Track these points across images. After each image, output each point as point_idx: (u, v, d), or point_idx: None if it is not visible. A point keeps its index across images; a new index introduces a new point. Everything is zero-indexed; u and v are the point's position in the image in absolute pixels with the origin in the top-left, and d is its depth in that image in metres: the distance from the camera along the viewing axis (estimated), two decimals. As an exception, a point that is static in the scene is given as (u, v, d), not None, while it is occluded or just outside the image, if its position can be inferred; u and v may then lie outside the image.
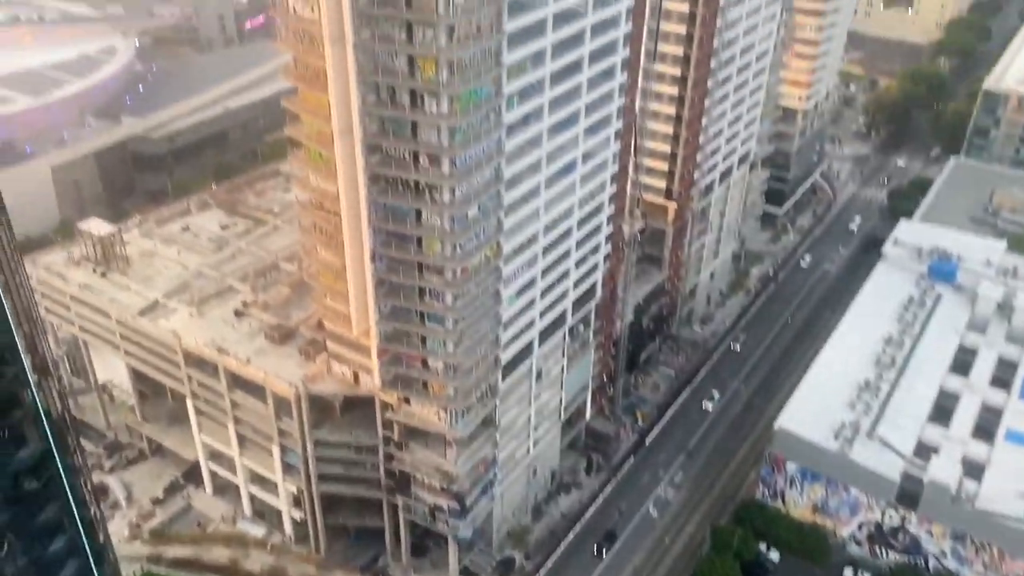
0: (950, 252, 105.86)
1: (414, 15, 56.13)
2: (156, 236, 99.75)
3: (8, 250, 43.62)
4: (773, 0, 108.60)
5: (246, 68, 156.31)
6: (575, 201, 79.04)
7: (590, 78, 74.40)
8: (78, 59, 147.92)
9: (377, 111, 60.44)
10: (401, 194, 62.89)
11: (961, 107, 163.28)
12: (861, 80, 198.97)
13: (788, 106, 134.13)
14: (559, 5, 66.90)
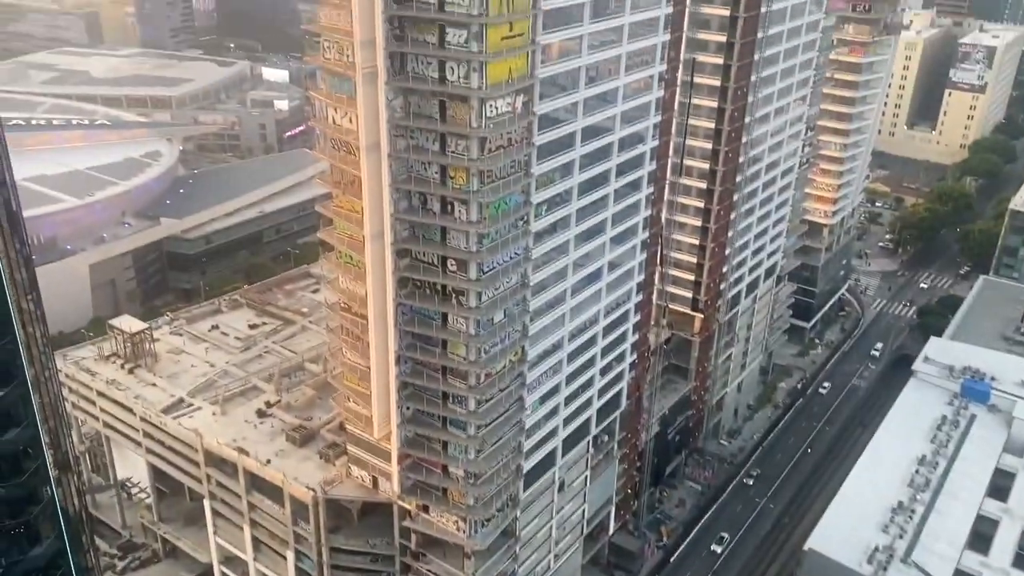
0: (983, 371, 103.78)
1: (448, 127, 58.08)
2: (186, 334, 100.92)
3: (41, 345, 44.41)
4: (798, 119, 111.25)
5: (283, 174, 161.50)
6: (601, 309, 79.21)
7: (617, 189, 75.82)
8: (124, 162, 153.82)
9: (408, 217, 61.75)
10: (428, 297, 63.50)
11: (988, 226, 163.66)
12: (887, 197, 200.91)
13: (814, 221, 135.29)
14: (588, 120, 68.98)
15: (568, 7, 63.70)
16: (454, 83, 56.85)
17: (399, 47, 57.28)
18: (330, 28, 59.57)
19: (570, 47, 65.64)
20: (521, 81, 59.32)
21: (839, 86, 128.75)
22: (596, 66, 68.98)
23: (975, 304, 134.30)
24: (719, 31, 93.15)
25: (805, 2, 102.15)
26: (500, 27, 56.11)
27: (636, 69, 73.74)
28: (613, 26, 69.35)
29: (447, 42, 56.23)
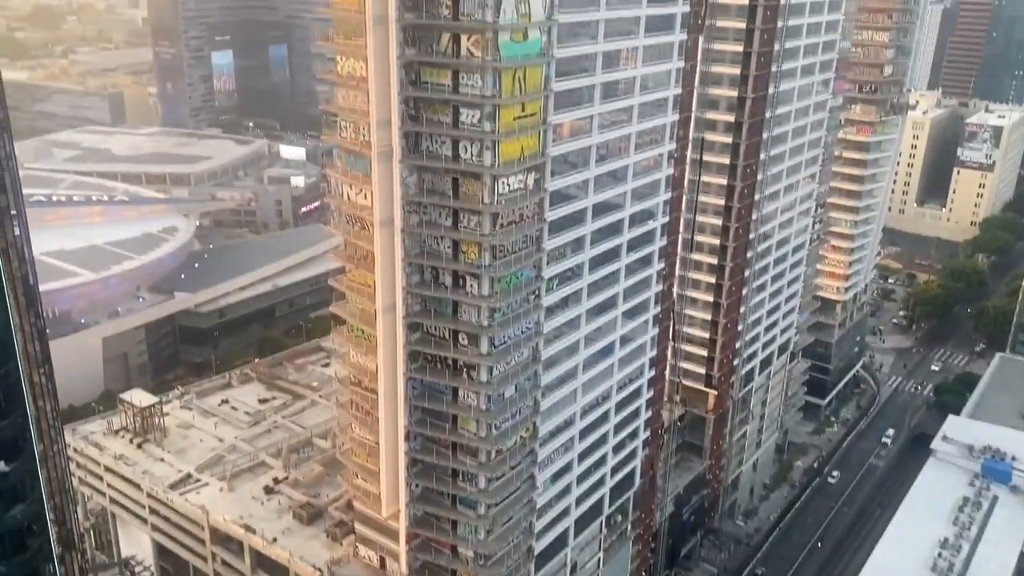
0: (1003, 451, 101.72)
1: (461, 203, 58.81)
2: (195, 408, 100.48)
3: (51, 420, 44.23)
4: (808, 196, 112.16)
5: (297, 249, 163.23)
6: (613, 384, 78.57)
7: (628, 264, 76.12)
8: (141, 237, 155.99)
9: (420, 291, 62.03)
10: (439, 372, 63.20)
11: (1003, 303, 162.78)
12: (899, 274, 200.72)
13: (827, 297, 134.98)
14: (598, 197, 69.79)
15: (579, 89, 65.22)
16: (467, 161, 57.81)
17: (414, 127, 58.51)
18: (347, 108, 61.01)
19: (581, 126, 66.91)
20: (533, 159, 60.28)
21: (848, 164, 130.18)
22: (606, 145, 70.19)
23: (992, 382, 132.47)
24: (727, 111, 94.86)
25: (812, 83, 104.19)
26: (513, 108, 57.35)
27: (646, 148, 74.93)
28: (623, 106, 70.82)
29: (461, 122, 57.42)
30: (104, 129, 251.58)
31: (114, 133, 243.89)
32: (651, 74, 73.36)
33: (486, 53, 55.52)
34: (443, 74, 57.30)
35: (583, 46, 64.85)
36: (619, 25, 68.21)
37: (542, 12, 58.24)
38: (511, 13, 55.65)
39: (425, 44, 57.48)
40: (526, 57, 57.56)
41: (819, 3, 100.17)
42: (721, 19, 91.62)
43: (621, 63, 69.56)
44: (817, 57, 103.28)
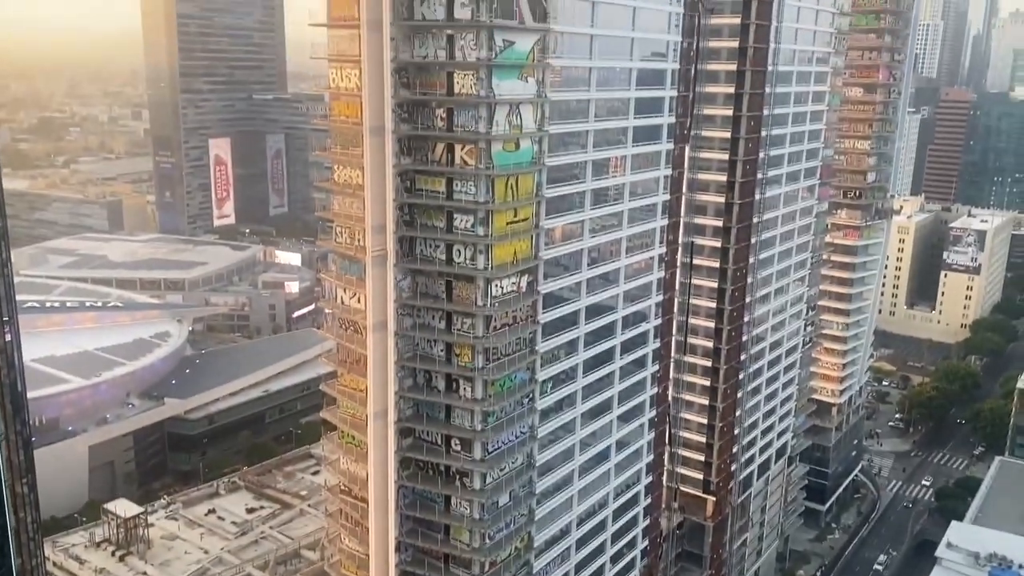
0: (1009, 558, 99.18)
1: (454, 306, 59.15)
2: (181, 518, 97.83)
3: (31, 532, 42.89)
4: (798, 299, 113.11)
5: (290, 353, 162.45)
6: (610, 491, 77.05)
7: (623, 367, 75.97)
8: (133, 343, 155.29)
9: (413, 395, 61.55)
10: (431, 479, 62.00)
11: (997, 405, 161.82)
12: (893, 376, 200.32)
13: (822, 400, 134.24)
14: (591, 299, 70.31)
15: (570, 195, 66.68)
16: (461, 264, 58.48)
17: (409, 232, 59.44)
18: (343, 215, 62.05)
19: (573, 231, 68.06)
20: (526, 262, 61.03)
21: (837, 268, 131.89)
22: (598, 248, 71.22)
23: (994, 486, 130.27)
24: (716, 216, 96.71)
25: (798, 190, 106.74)
26: (505, 213, 58.48)
27: (637, 251, 76.04)
28: (613, 212, 72.23)
29: (455, 227, 58.43)
30: (101, 236, 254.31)
31: (111, 240, 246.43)
32: (640, 181, 75.21)
33: (479, 162, 57.02)
34: (438, 181, 58.64)
35: (573, 155, 66.69)
36: (608, 135, 70.38)
37: (533, 124, 60.16)
38: (503, 124, 57.49)
39: (420, 153, 59.05)
40: (518, 165, 59.10)
41: (801, 114, 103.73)
42: (707, 129, 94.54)
43: (610, 171, 71.40)
44: (801, 164, 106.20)
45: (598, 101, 68.42)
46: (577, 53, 65.54)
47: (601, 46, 67.51)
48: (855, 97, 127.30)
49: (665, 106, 76.95)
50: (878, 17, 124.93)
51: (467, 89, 56.59)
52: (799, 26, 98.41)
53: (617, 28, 69.28)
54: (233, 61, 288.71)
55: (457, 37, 56.53)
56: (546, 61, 60.50)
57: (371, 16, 56.59)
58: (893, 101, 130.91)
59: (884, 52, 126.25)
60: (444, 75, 57.57)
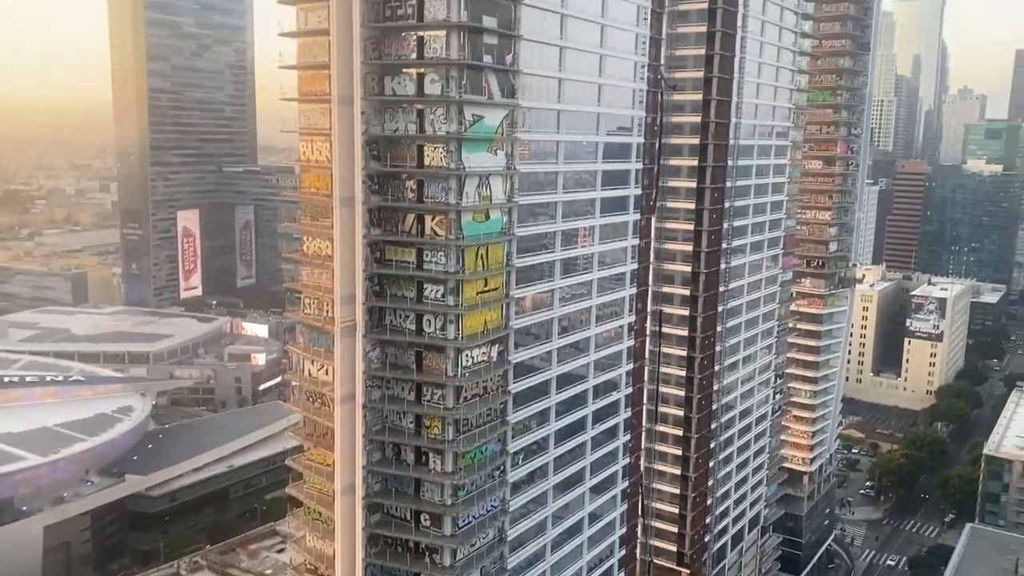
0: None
1: (424, 377, 58.75)
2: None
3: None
4: (766, 367, 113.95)
5: (255, 427, 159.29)
6: (583, 565, 75.63)
7: (594, 437, 75.52)
8: (94, 418, 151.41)
9: (381, 469, 60.49)
10: (400, 556, 60.49)
11: (966, 472, 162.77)
12: (863, 444, 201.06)
13: (794, 468, 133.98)
14: (562, 368, 70.25)
15: (540, 264, 67.22)
16: (431, 335, 58.34)
17: (378, 302, 59.34)
18: (311, 286, 61.89)
19: (543, 300, 68.40)
20: (496, 332, 61.03)
21: (803, 336, 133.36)
22: (568, 317, 71.50)
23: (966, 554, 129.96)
24: (683, 285, 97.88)
25: (762, 259, 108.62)
26: (476, 283, 58.74)
27: (606, 320, 76.45)
28: (582, 281, 72.82)
29: (425, 297, 58.48)
30: (64, 309, 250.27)
31: (74, 313, 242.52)
32: (608, 251, 76.16)
33: (449, 232, 57.48)
34: (408, 252, 58.90)
35: (543, 225, 67.53)
36: (576, 206, 71.47)
37: (503, 195, 61.00)
38: (473, 196, 58.23)
39: (390, 224, 59.42)
40: (488, 235, 59.64)
41: (763, 185, 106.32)
42: (672, 200, 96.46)
43: (579, 241, 72.29)
44: (765, 234, 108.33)
45: (566, 173, 69.69)
46: (545, 127, 66.99)
47: (568, 120, 69.13)
48: (815, 169, 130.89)
49: (631, 178, 78.57)
50: (834, 93, 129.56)
51: (437, 161, 57.41)
52: (759, 102, 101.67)
53: (583, 103, 71.11)
54: (204, 134, 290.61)
55: (427, 112, 57.60)
56: (515, 135, 61.73)
57: (342, 92, 57.58)
58: (852, 173, 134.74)
59: (841, 126, 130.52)
60: (414, 148, 58.42)
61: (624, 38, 75.25)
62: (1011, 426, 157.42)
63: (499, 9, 59.08)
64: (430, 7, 56.81)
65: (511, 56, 60.71)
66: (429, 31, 57.00)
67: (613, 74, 74.31)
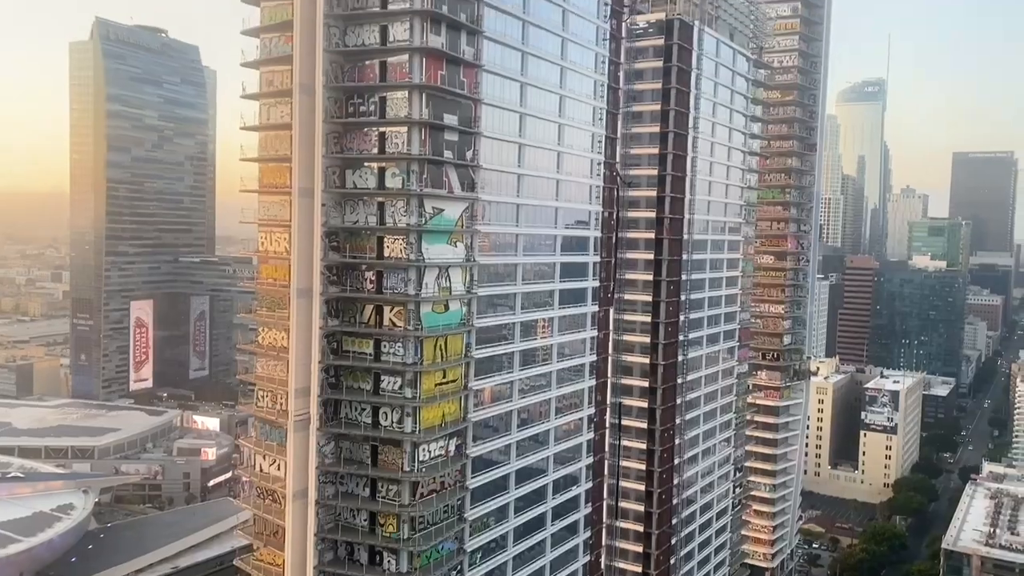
0: None
1: (379, 472, 57.41)
2: None
3: None
4: (725, 460, 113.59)
5: (203, 526, 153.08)
6: (542, 670, 72.76)
7: (554, 534, 73.93)
8: (31, 517, 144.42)
9: (333, 570, 58.23)
10: (352, 663, 57.68)
11: (926, 567, 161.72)
12: (822, 538, 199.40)
13: (756, 564, 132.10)
14: (521, 462, 69.21)
15: (499, 356, 67.00)
16: (387, 428, 57.35)
17: (334, 395, 58.39)
18: (266, 378, 60.82)
19: (502, 392, 67.90)
20: (454, 425, 60.20)
21: (760, 428, 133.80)
22: (527, 409, 70.94)
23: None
24: (641, 377, 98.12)
25: (719, 351, 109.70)
26: (434, 374, 58.23)
27: (566, 412, 76.02)
28: (542, 372, 72.61)
29: (382, 389, 57.74)
30: (7, 402, 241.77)
31: (17, 406, 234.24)
32: (567, 342, 76.35)
33: (408, 323, 57.28)
34: (365, 343, 58.41)
35: (502, 316, 67.65)
36: (535, 297, 71.93)
37: (462, 286, 61.22)
38: (433, 287, 58.36)
39: (348, 315, 59.08)
40: (447, 327, 59.51)
41: (718, 279, 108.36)
42: (629, 293, 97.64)
43: (539, 332, 72.43)
44: (721, 327, 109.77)
45: (525, 265, 70.38)
46: (505, 220, 67.98)
47: (527, 214, 70.28)
48: (767, 264, 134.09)
49: (589, 271, 79.56)
50: (783, 191, 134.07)
51: (397, 253, 57.66)
52: (711, 199, 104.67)
53: (542, 198, 72.48)
54: (162, 224, 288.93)
55: (388, 204, 58.17)
56: (475, 227, 62.44)
57: (303, 184, 58.03)
58: (803, 268, 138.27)
59: (791, 223, 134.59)
60: (374, 239, 58.70)
61: (581, 136, 77.53)
62: (967, 520, 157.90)
63: (460, 107, 60.64)
64: (392, 105, 58.14)
65: (471, 152, 62.01)
66: (391, 127, 58.13)
67: (571, 170, 76.18)
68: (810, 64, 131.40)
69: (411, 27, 57.66)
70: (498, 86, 65.27)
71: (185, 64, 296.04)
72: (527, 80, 68.73)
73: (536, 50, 69.58)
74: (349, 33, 59.64)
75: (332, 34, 58.82)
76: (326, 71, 58.30)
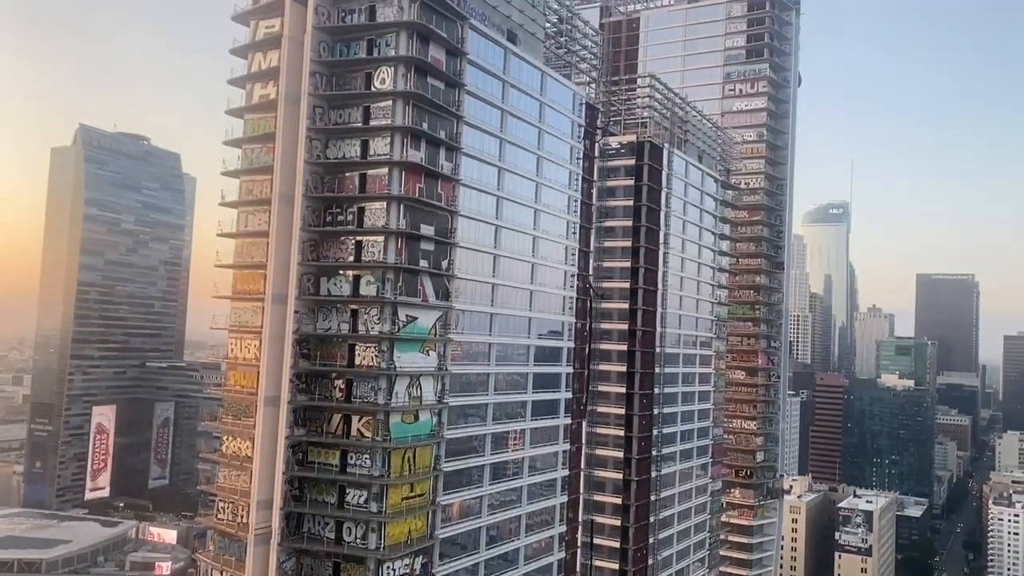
0: None
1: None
2: None
3: None
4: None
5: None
6: None
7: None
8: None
9: None
10: None
11: None
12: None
13: None
14: (489, 582, 66.76)
15: (469, 469, 65.67)
16: (351, 544, 55.41)
17: (297, 507, 56.62)
18: (227, 489, 59.00)
19: (471, 507, 66.21)
20: (421, 542, 58.30)
21: (735, 548, 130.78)
22: (497, 526, 68.99)
23: None
24: (614, 493, 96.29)
25: (692, 468, 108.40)
26: (401, 488, 56.81)
27: (537, 529, 74.01)
28: (512, 487, 71.11)
29: (347, 502, 56.14)
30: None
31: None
32: (539, 455, 75.13)
33: (376, 434, 56.25)
34: (332, 454, 57.11)
35: (473, 427, 66.69)
36: (507, 408, 71.21)
37: (433, 396, 60.55)
38: (403, 396, 57.65)
39: (315, 424, 58.01)
40: (416, 438, 58.47)
41: (690, 393, 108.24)
42: (602, 405, 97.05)
43: (510, 445, 71.30)
44: (694, 443, 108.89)
45: (498, 375, 69.96)
46: (478, 329, 68.00)
47: (501, 323, 70.43)
48: (739, 379, 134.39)
49: (562, 382, 79.21)
50: (753, 308, 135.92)
51: (368, 361, 57.17)
52: (683, 313, 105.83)
53: (516, 308, 72.85)
54: (130, 328, 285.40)
55: (361, 312, 58.10)
56: (448, 336, 62.32)
57: (277, 291, 58.00)
58: (774, 384, 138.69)
59: (761, 339, 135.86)
60: (346, 347, 58.30)
61: (555, 249, 78.76)
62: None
63: (437, 218, 61.60)
64: (370, 215, 58.96)
65: (447, 261, 62.60)
66: (368, 236, 58.73)
67: (545, 281, 76.98)
68: (776, 186, 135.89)
69: (391, 141, 59.16)
70: (475, 198, 66.65)
71: (165, 170, 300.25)
72: (503, 194, 70.32)
73: (512, 166, 71.53)
74: (331, 146, 61.03)
75: (314, 147, 60.16)
76: (306, 181, 59.30)
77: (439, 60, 61.74)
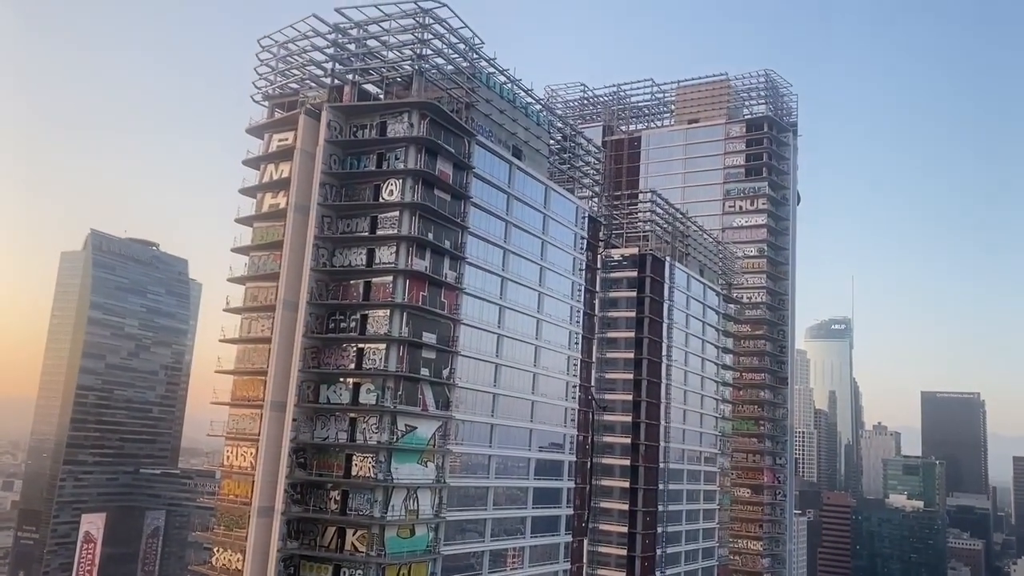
0: None
1: None
2: None
3: None
4: None
5: None
6: None
7: None
8: None
9: None
10: None
11: None
12: None
13: None
14: None
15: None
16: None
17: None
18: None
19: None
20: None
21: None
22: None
23: None
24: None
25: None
26: None
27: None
28: (510, 607, 68.35)
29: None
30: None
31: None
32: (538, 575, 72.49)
33: (371, 548, 54.61)
34: (324, 569, 55.31)
35: (471, 543, 64.71)
36: (506, 524, 69.25)
37: (431, 509, 59.06)
38: (400, 509, 56.24)
39: (308, 537, 56.52)
40: (412, 553, 56.71)
41: (695, 511, 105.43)
42: (604, 523, 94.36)
43: (508, 564, 68.99)
44: (699, 563, 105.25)
45: (497, 488, 68.40)
46: (478, 440, 66.92)
47: (501, 435, 69.37)
48: (744, 497, 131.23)
49: (563, 497, 77.32)
50: (757, 423, 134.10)
51: (365, 471, 56.07)
52: (687, 427, 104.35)
53: (517, 419, 71.94)
54: (126, 433, 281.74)
55: (360, 420, 57.40)
56: (447, 447, 61.30)
57: (276, 398, 57.51)
58: (780, 502, 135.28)
59: (766, 455, 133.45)
60: (343, 456, 57.31)
61: (557, 359, 78.45)
62: None
63: (439, 327, 61.68)
64: (373, 322, 59.10)
65: (448, 370, 62.27)
66: (371, 344, 58.67)
67: (546, 392, 76.31)
68: (778, 300, 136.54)
69: (397, 251, 59.97)
70: (478, 307, 66.94)
71: (172, 276, 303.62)
72: (506, 303, 70.63)
73: (516, 275, 72.16)
74: (337, 254, 61.84)
75: (320, 255, 60.97)
76: (311, 288, 59.78)
77: (446, 173, 63.31)
